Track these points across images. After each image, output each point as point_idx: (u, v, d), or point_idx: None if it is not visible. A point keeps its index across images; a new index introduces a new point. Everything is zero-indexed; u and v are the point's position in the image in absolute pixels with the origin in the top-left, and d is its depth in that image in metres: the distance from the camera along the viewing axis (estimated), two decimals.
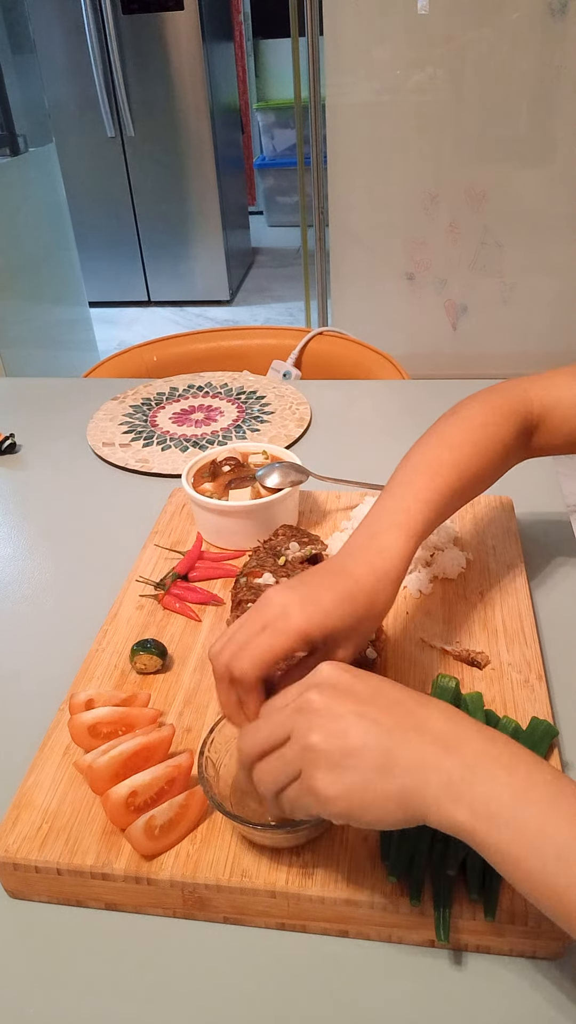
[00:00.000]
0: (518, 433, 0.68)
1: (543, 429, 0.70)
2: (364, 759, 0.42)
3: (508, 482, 0.89)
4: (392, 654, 0.67)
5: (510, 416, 0.67)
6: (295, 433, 1.10)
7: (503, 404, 0.68)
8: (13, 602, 0.82)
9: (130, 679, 0.66)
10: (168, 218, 3.76)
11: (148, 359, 1.47)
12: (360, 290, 2.79)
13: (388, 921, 0.49)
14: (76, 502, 0.99)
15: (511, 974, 0.47)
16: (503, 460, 0.67)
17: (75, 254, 3.01)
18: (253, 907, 0.50)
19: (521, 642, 0.67)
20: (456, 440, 0.65)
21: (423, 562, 0.76)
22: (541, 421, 0.70)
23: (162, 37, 3.34)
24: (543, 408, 0.69)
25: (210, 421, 1.16)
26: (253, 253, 4.63)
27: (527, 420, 0.69)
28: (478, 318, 2.78)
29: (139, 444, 1.09)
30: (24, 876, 0.52)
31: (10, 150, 2.61)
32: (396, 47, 2.38)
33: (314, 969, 0.49)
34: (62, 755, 0.59)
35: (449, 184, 2.55)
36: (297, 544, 0.73)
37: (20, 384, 1.40)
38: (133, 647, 0.66)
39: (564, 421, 0.69)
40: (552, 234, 2.58)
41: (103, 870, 0.51)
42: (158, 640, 0.67)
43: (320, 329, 1.49)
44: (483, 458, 0.65)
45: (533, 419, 0.69)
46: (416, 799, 0.41)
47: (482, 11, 2.26)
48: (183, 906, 0.51)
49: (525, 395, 0.69)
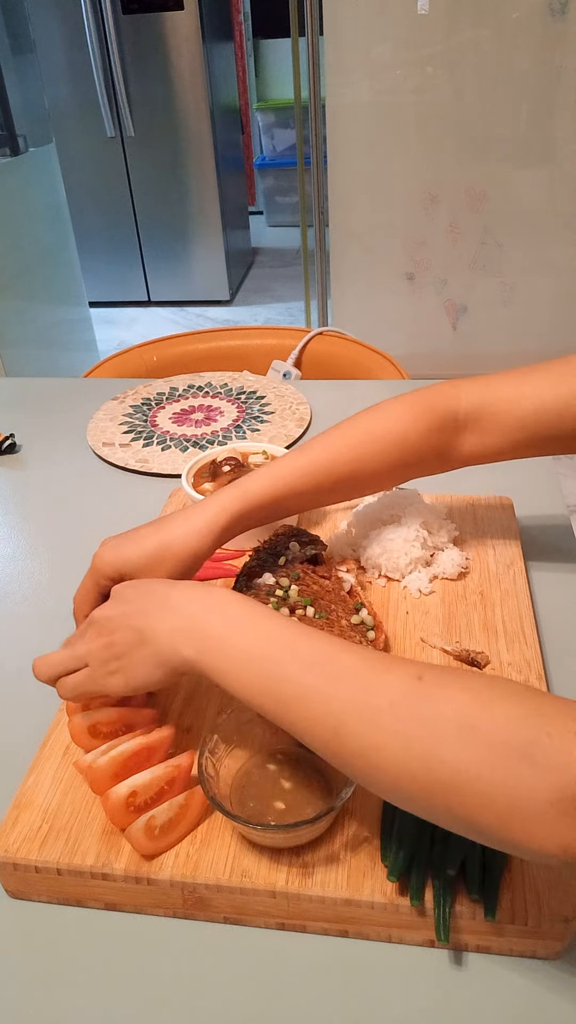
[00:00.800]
0: (434, 431, 0.67)
1: (476, 430, 0.68)
2: (126, 643, 0.52)
3: (508, 482, 0.89)
4: (392, 654, 0.67)
5: (428, 413, 0.67)
6: (295, 433, 1.10)
7: (425, 401, 0.68)
8: (13, 602, 0.82)
9: None
10: (168, 218, 3.75)
11: (148, 359, 1.47)
12: (360, 290, 2.79)
13: (388, 921, 0.49)
14: (76, 502, 0.99)
15: (511, 974, 0.47)
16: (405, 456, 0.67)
17: (75, 254, 3.01)
18: (253, 907, 0.50)
19: (521, 642, 0.67)
20: (352, 428, 0.67)
21: (423, 562, 0.76)
22: (472, 422, 0.68)
23: (162, 37, 3.34)
24: (472, 407, 0.67)
25: (210, 421, 1.16)
26: (253, 253, 4.63)
27: (451, 419, 0.67)
28: (478, 318, 2.77)
29: (139, 444, 1.09)
30: (24, 876, 0.52)
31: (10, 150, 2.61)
32: (396, 47, 2.38)
33: (314, 969, 0.49)
34: (62, 755, 0.59)
35: (449, 184, 2.55)
36: (297, 544, 0.73)
37: (20, 384, 1.40)
38: None
39: (494, 423, 0.67)
40: (552, 234, 2.58)
41: (103, 870, 0.51)
42: None
43: (320, 329, 1.49)
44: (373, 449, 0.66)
45: (459, 419, 0.67)
46: (164, 654, 0.51)
47: (482, 11, 2.26)
48: (183, 906, 0.51)
49: (454, 393, 0.68)
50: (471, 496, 0.87)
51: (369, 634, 0.65)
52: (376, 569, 0.76)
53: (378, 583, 0.75)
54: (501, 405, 0.67)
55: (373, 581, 0.76)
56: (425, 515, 0.77)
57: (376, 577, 0.76)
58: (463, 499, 0.86)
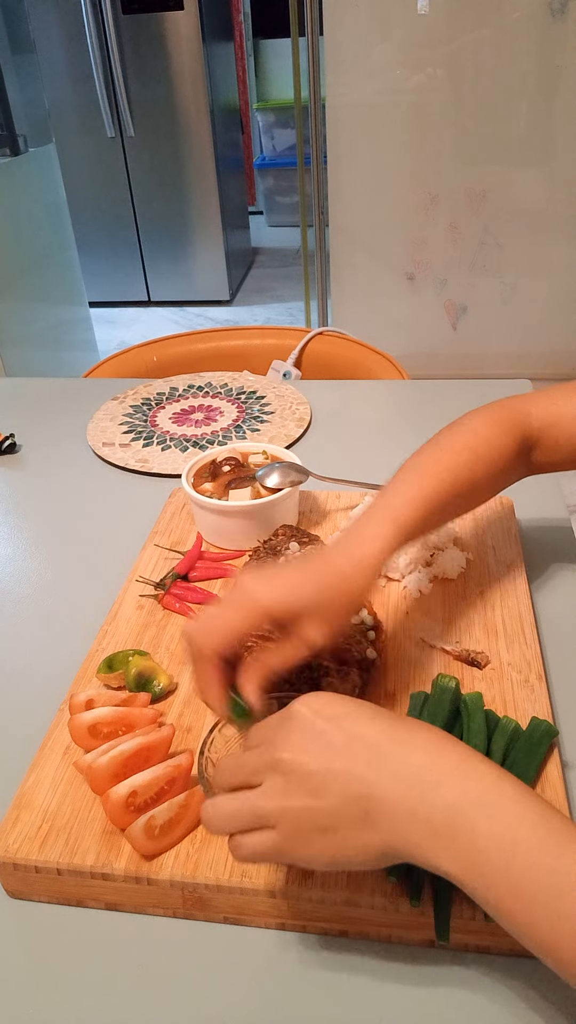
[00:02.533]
0: (518, 447, 0.67)
1: (542, 446, 0.69)
2: (342, 817, 0.41)
3: None
4: (392, 654, 0.67)
5: (511, 430, 0.67)
6: (295, 433, 1.10)
7: (504, 418, 0.68)
8: (13, 602, 0.82)
9: None
10: (168, 218, 3.75)
11: (148, 359, 1.47)
12: (360, 290, 2.79)
13: (388, 921, 0.49)
14: (76, 502, 0.99)
15: (511, 974, 0.47)
16: (502, 471, 0.67)
17: (75, 254, 3.01)
18: (253, 907, 0.50)
19: (521, 642, 0.67)
20: (455, 446, 0.65)
21: (423, 562, 0.76)
22: (541, 438, 0.69)
23: (162, 37, 3.34)
24: (542, 424, 0.69)
25: (210, 421, 1.16)
26: (253, 253, 4.63)
27: (527, 435, 0.68)
28: (478, 318, 2.78)
29: (139, 444, 1.09)
30: (24, 876, 0.52)
31: (10, 150, 2.61)
32: (396, 47, 2.38)
33: (314, 969, 0.49)
34: (62, 755, 0.59)
35: (449, 184, 2.55)
36: (297, 544, 0.73)
37: (20, 384, 1.40)
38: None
39: (565, 438, 0.68)
40: (552, 234, 2.58)
41: (103, 870, 0.51)
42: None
43: (320, 329, 1.49)
44: (481, 466, 0.65)
45: (533, 435, 0.69)
46: (399, 849, 0.41)
47: (482, 11, 2.26)
48: (183, 906, 0.51)
49: (525, 410, 0.69)
50: None
51: (369, 634, 0.65)
52: None
53: (378, 583, 0.75)
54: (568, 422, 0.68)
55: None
56: None
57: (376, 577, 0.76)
58: None
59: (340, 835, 0.41)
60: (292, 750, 0.43)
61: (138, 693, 0.63)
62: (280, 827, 0.42)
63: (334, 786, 0.41)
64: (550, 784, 0.54)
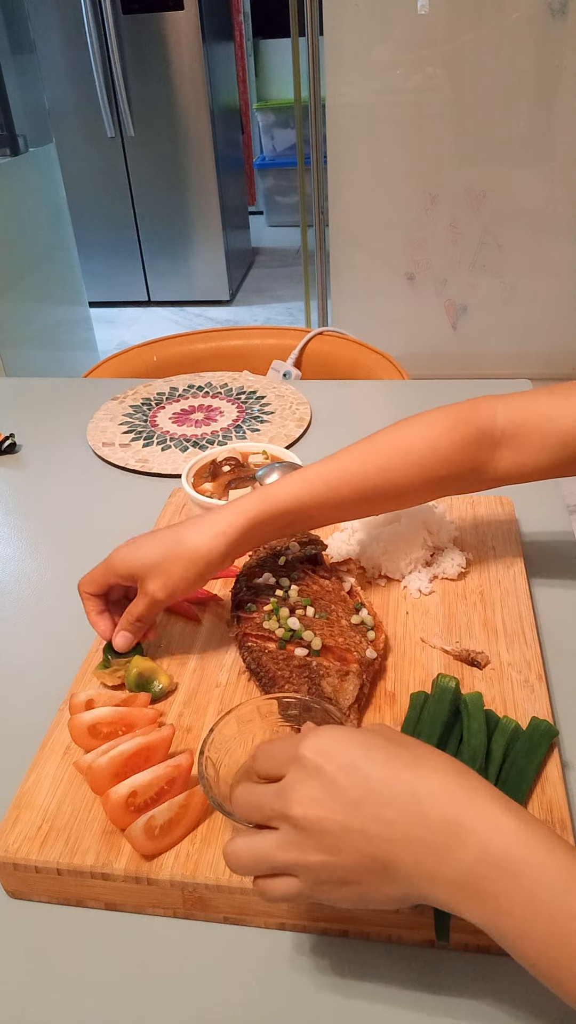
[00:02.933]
0: (465, 444, 0.64)
1: (513, 446, 0.65)
2: (361, 872, 0.41)
3: None
4: (392, 654, 0.67)
5: (461, 424, 0.65)
6: (295, 433, 1.10)
7: (458, 413, 0.66)
8: (13, 602, 0.82)
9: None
10: (168, 218, 3.75)
11: (148, 359, 1.47)
12: (360, 290, 2.79)
13: (388, 921, 0.49)
14: (76, 502, 0.99)
15: (511, 974, 0.47)
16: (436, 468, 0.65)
17: (75, 254, 3.01)
18: (253, 907, 0.50)
19: (521, 642, 0.67)
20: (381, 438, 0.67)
21: (423, 562, 0.76)
22: (510, 438, 0.65)
23: (162, 37, 3.34)
24: (510, 423, 0.65)
25: (210, 421, 1.16)
26: (253, 253, 4.62)
27: (484, 432, 0.65)
28: (478, 318, 2.78)
29: (139, 444, 1.09)
30: (24, 876, 0.52)
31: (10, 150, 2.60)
32: (396, 47, 2.38)
33: (314, 969, 0.49)
34: (62, 755, 0.59)
35: (449, 184, 2.55)
36: (297, 544, 0.73)
37: (20, 384, 1.40)
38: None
39: (537, 439, 0.64)
40: (552, 234, 2.58)
41: (103, 870, 0.51)
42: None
43: (320, 329, 1.49)
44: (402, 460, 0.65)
45: (495, 434, 0.65)
46: (421, 898, 0.41)
47: (482, 11, 2.26)
48: (183, 906, 0.51)
49: (490, 407, 0.66)
50: (471, 496, 0.87)
51: (369, 634, 0.65)
52: (376, 569, 0.76)
53: (378, 583, 0.75)
54: (540, 422, 0.64)
55: (373, 581, 0.76)
56: (425, 515, 0.77)
57: (376, 577, 0.76)
58: (463, 499, 0.86)
59: (361, 887, 0.41)
60: (303, 805, 0.41)
61: (138, 693, 0.63)
62: (301, 878, 0.42)
63: (350, 846, 0.41)
64: (550, 784, 0.54)
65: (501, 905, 0.38)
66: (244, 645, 0.65)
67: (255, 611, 0.66)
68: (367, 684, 0.62)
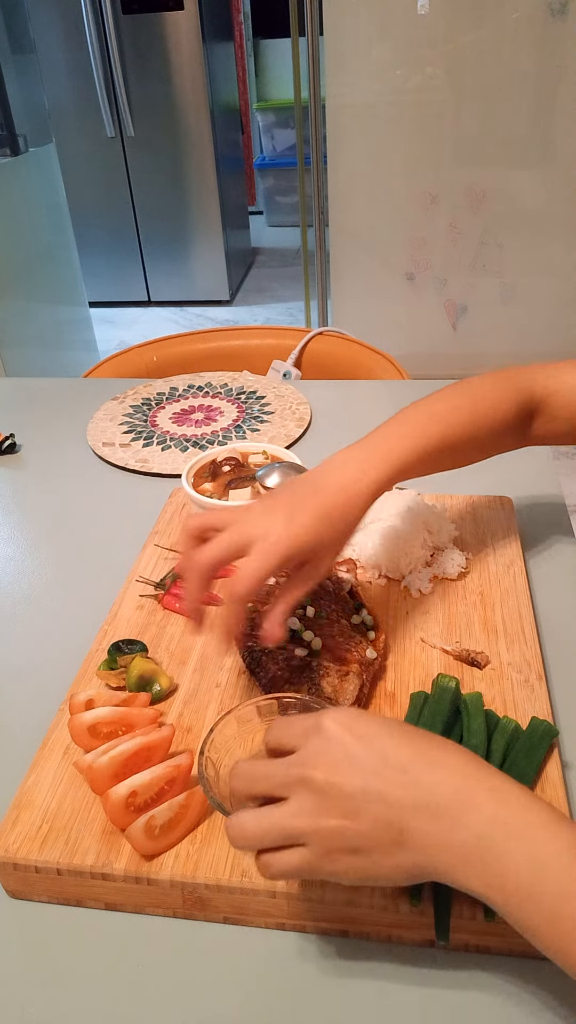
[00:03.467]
0: (518, 410, 0.69)
1: (544, 414, 0.71)
2: (374, 839, 0.42)
3: (508, 482, 0.89)
4: (392, 654, 0.67)
5: (513, 393, 0.69)
6: (295, 433, 1.10)
7: (508, 380, 0.70)
8: (13, 602, 0.82)
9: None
10: (168, 218, 3.76)
11: (148, 359, 1.47)
12: (360, 290, 2.79)
13: (388, 921, 0.49)
14: (76, 502, 0.99)
15: (511, 974, 0.47)
16: (499, 433, 0.69)
17: (75, 254, 3.01)
18: (253, 907, 0.50)
19: (521, 642, 0.67)
20: (454, 401, 0.67)
21: (423, 562, 0.76)
22: (543, 405, 0.71)
23: (162, 37, 3.34)
24: (545, 392, 0.71)
25: (210, 421, 1.16)
26: (253, 253, 4.63)
27: (530, 401, 0.70)
28: (478, 318, 2.78)
29: (139, 444, 1.09)
30: (24, 876, 0.52)
31: (10, 150, 2.61)
32: (396, 47, 2.37)
33: (314, 969, 0.49)
34: (62, 755, 0.59)
35: (449, 184, 2.55)
36: None
37: (20, 384, 1.40)
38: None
39: (564, 407, 0.71)
40: (552, 234, 2.58)
41: (103, 870, 0.51)
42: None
43: (320, 329, 1.49)
44: (477, 421, 0.66)
45: (535, 401, 0.70)
46: (428, 871, 0.42)
47: (482, 11, 2.26)
48: (183, 906, 0.51)
49: (531, 377, 0.71)
50: (471, 496, 0.87)
51: (369, 634, 0.65)
52: (376, 569, 0.76)
53: (378, 583, 0.75)
54: (567, 391, 0.70)
55: (373, 581, 0.76)
56: (425, 515, 0.77)
57: (376, 577, 0.76)
58: (463, 499, 0.86)
59: (372, 856, 0.42)
60: (325, 769, 0.42)
61: (138, 693, 0.63)
62: (312, 846, 0.42)
63: (369, 809, 0.41)
64: (550, 784, 0.54)
65: (508, 868, 0.39)
66: (244, 645, 0.65)
67: (255, 611, 0.66)
68: (367, 684, 0.62)
